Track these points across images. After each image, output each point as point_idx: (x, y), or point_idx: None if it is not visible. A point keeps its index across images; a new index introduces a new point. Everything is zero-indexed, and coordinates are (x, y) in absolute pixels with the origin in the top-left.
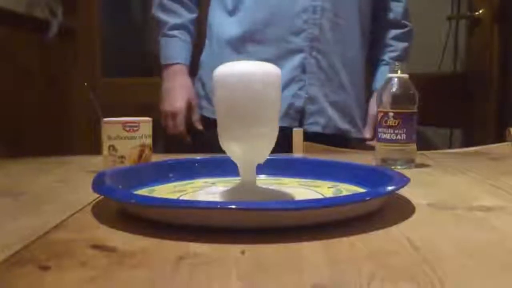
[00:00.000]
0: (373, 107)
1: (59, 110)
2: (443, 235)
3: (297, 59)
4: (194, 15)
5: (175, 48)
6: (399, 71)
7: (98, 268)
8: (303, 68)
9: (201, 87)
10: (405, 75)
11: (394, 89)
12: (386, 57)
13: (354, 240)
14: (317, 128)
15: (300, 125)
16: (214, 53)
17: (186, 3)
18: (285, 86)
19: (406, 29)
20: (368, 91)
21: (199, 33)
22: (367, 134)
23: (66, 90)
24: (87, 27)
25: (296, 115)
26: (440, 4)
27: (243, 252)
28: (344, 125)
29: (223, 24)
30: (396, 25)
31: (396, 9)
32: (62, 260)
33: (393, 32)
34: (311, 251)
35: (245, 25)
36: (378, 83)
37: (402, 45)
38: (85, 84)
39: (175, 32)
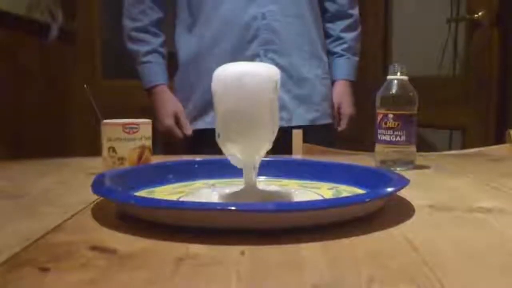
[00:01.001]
0: (335, 98)
1: (59, 112)
2: (442, 236)
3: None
4: (161, 39)
5: (152, 72)
6: (398, 73)
7: (97, 269)
8: None
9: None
10: (405, 77)
11: (393, 91)
12: (339, 49)
13: (354, 242)
14: (282, 123)
15: None
16: (183, 77)
17: (151, 30)
18: None
19: (352, 19)
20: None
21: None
22: (340, 127)
23: (66, 92)
24: (87, 29)
25: None
26: (439, 6)
27: (243, 253)
28: (310, 115)
29: (185, 43)
30: (342, 16)
31: (339, 1)
32: (62, 261)
33: (340, 24)
34: (311, 252)
35: (201, 41)
36: (337, 73)
37: (350, 35)
38: (85, 86)
39: (149, 58)
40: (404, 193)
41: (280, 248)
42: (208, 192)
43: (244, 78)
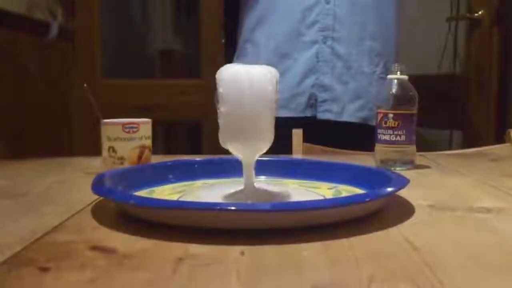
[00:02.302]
0: None
1: (59, 111)
2: (443, 236)
3: (312, 50)
4: None
5: None
6: (398, 72)
7: (97, 269)
8: (317, 58)
9: None
10: (405, 76)
11: (393, 90)
12: None
13: (353, 241)
14: (330, 116)
15: (314, 113)
16: (241, 55)
17: None
18: (302, 78)
19: None
20: None
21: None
22: None
23: (66, 91)
24: (86, 29)
25: (311, 104)
26: (439, 5)
27: (242, 253)
28: (362, 112)
29: (246, 17)
30: None
31: None
32: (62, 261)
33: None
34: (310, 252)
35: (262, 19)
36: None
37: None
38: (85, 85)
39: None
40: (404, 193)
41: (279, 248)
42: (208, 192)
43: (245, 79)
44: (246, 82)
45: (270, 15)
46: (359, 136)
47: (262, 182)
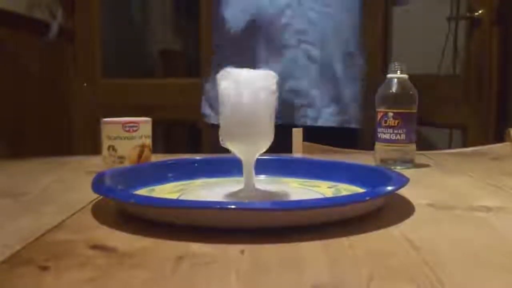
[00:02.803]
0: None
1: (59, 110)
2: (443, 235)
3: (287, 55)
4: None
5: None
6: (398, 71)
7: (97, 268)
8: (293, 63)
9: (205, 100)
10: (405, 76)
11: (393, 89)
12: None
13: (353, 240)
14: (307, 122)
15: (291, 120)
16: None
17: None
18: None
19: None
20: None
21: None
22: None
23: (66, 91)
24: (86, 28)
25: (288, 111)
26: (439, 5)
27: (242, 252)
28: (338, 116)
29: (223, 22)
30: None
31: None
32: (62, 260)
33: None
34: (310, 251)
35: (236, 26)
36: None
37: None
38: (85, 84)
39: None
40: (404, 191)
41: (279, 247)
42: (207, 191)
43: (245, 80)
44: (246, 82)
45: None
46: (338, 139)
47: (262, 181)
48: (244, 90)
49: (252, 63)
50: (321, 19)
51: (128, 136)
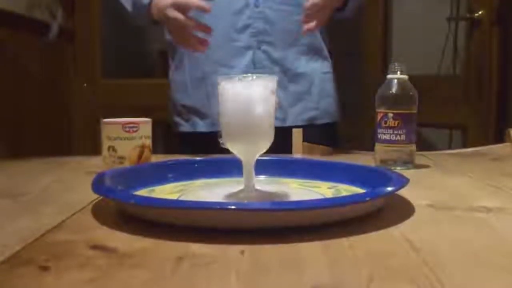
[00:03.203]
0: None
1: (59, 111)
2: (443, 236)
3: (247, 57)
4: None
5: None
6: (398, 72)
7: (97, 268)
8: (254, 65)
9: (171, 105)
10: (405, 76)
11: (393, 90)
12: None
13: (353, 241)
14: (276, 123)
15: None
16: (177, 66)
17: None
18: None
19: None
20: None
21: None
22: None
23: (66, 91)
24: (86, 29)
25: None
26: (439, 5)
27: (242, 253)
28: (306, 114)
29: None
30: None
31: None
32: (62, 260)
33: None
34: (310, 251)
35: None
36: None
37: None
38: (85, 85)
39: None
40: (404, 192)
41: (280, 248)
42: (207, 191)
43: (244, 81)
44: (246, 84)
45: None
46: (309, 137)
47: (262, 182)
48: (244, 91)
49: (213, 67)
50: (279, 17)
51: (128, 136)
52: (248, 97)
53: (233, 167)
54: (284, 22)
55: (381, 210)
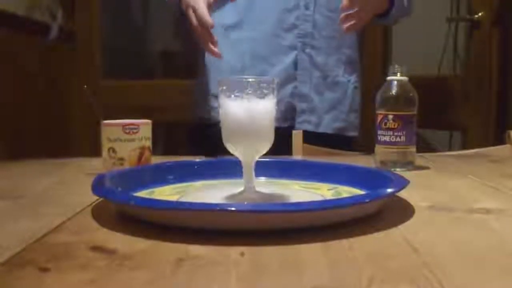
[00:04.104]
0: None
1: (59, 112)
2: (442, 237)
3: (290, 57)
4: None
5: None
6: (398, 73)
7: (97, 270)
8: (295, 66)
9: (199, 93)
10: (405, 78)
11: (393, 92)
12: None
13: (353, 242)
14: (309, 127)
15: (292, 124)
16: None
17: None
18: (280, 85)
19: None
20: None
21: None
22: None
23: (66, 92)
24: (86, 29)
25: (289, 114)
26: (439, 6)
27: (242, 254)
28: (337, 123)
29: (223, 16)
30: None
31: None
32: (62, 262)
33: None
34: (310, 253)
35: (240, 21)
36: None
37: None
38: (85, 86)
39: None
40: (404, 193)
41: (280, 249)
42: (207, 193)
43: (245, 81)
44: (247, 85)
45: (247, 16)
46: (334, 146)
47: (262, 183)
48: (245, 93)
49: (253, 61)
50: (327, 23)
51: (128, 138)
52: (248, 100)
53: (233, 169)
54: (331, 28)
55: (381, 211)
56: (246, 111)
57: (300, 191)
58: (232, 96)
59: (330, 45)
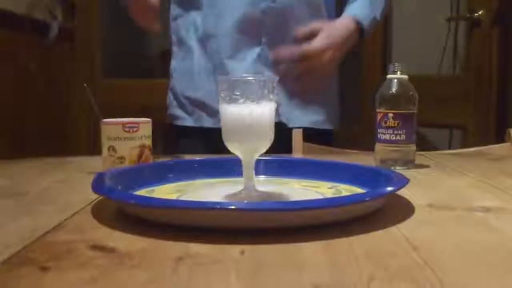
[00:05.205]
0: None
1: (59, 111)
2: (442, 235)
3: (256, 51)
4: None
5: None
6: (398, 72)
7: (97, 268)
8: (261, 61)
9: (172, 96)
10: (405, 76)
11: (393, 90)
12: None
13: (353, 241)
14: (280, 120)
15: None
16: (185, 56)
17: None
18: None
19: None
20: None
21: None
22: (314, 43)
23: (66, 91)
24: (86, 29)
25: None
26: (439, 5)
27: (242, 253)
28: (308, 118)
29: (189, 18)
30: None
31: None
32: (62, 260)
33: None
34: (310, 251)
35: (206, 18)
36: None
37: None
38: (85, 85)
39: None
40: (404, 192)
41: (280, 248)
42: (207, 191)
43: (246, 80)
44: (246, 83)
45: (210, 13)
46: (309, 140)
47: (262, 182)
48: (245, 92)
49: (221, 58)
50: (294, 15)
51: (128, 136)
52: (248, 97)
53: (233, 167)
54: (298, 22)
55: (381, 210)
56: (246, 110)
57: (300, 190)
58: (232, 95)
59: (298, 39)
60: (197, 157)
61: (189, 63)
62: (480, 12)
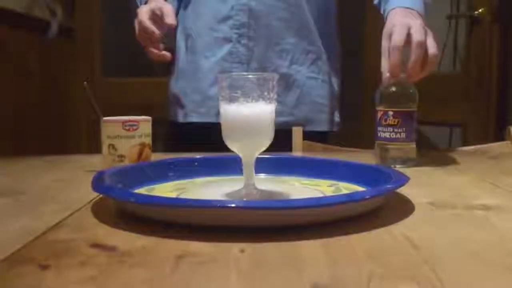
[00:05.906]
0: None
1: (59, 109)
2: (442, 234)
3: (225, 49)
4: None
5: None
6: None
7: (97, 267)
8: (231, 58)
9: (171, 94)
10: (405, 75)
11: (393, 88)
12: None
13: (353, 239)
14: None
15: None
16: (178, 55)
17: None
18: (214, 79)
19: None
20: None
21: None
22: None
23: (66, 90)
24: (86, 27)
25: None
26: (439, 3)
27: (242, 251)
28: (279, 118)
29: (179, 21)
30: None
31: None
32: (62, 259)
33: None
34: (310, 250)
35: (186, 21)
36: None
37: None
38: (85, 83)
39: None
40: (404, 190)
41: (280, 246)
42: (208, 189)
43: (245, 78)
44: (246, 82)
45: (186, 12)
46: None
47: (262, 180)
48: (245, 90)
49: (189, 57)
50: (265, 11)
51: (128, 135)
52: (248, 96)
53: (233, 165)
54: (269, 18)
55: (381, 208)
56: (246, 109)
57: (300, 188)
58: (232, 93)
59: (270, 35)
60: (197, 155)
61: (177, 60)
62: (480, 10)
